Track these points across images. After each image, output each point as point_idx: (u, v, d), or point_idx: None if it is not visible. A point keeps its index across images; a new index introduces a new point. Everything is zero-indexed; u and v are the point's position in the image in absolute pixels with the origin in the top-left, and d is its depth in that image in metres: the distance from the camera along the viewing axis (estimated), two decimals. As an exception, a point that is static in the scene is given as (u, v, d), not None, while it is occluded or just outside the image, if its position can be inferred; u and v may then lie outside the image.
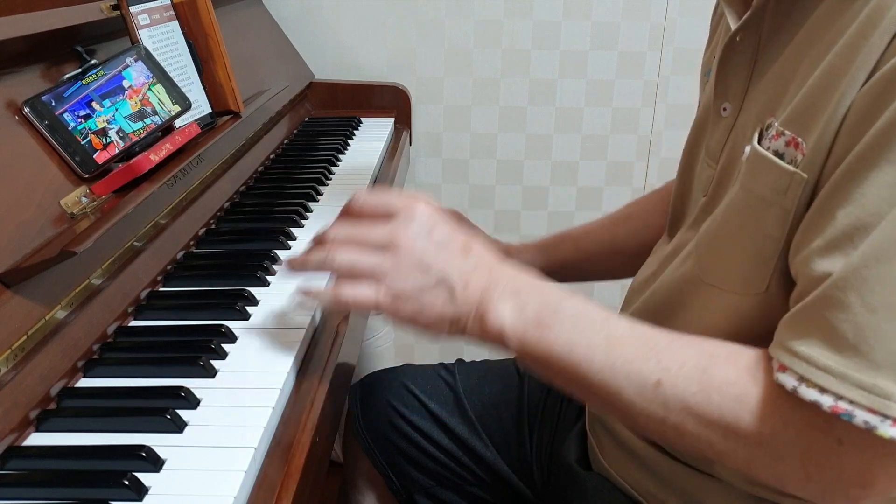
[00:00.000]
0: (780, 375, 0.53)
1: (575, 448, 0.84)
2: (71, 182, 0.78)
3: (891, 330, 0.49)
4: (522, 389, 0.96)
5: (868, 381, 0.49)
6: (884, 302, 0.49)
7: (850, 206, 0.51)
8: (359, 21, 1.65)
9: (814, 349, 0.51)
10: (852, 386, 0.49)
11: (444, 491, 0.97)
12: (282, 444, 0.62)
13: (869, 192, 0.50)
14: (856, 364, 0.50)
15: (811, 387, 0.51)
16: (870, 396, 0.49)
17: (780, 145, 0.58)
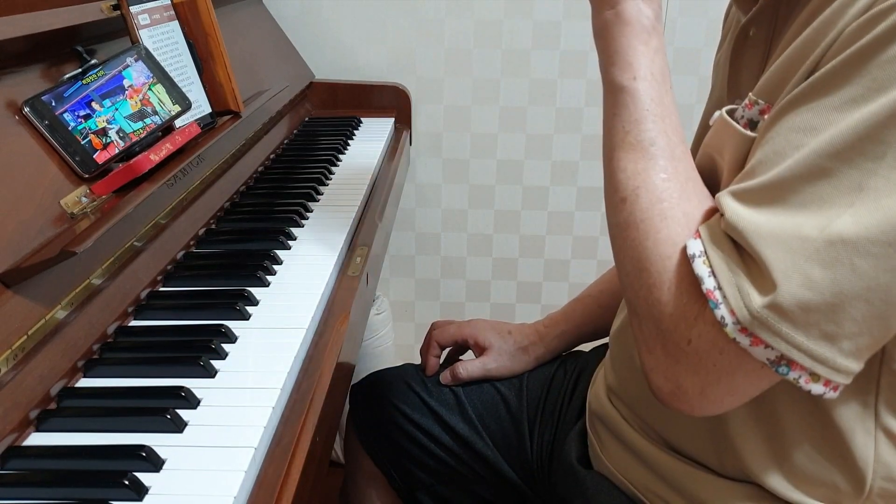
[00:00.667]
0: (691, 241, 0.57)
1: (576, 447, 0.84)
2: (71, 182, 0.78)
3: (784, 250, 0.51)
4: (522, 389, 0.96)
5: (755, 301, 0.52)
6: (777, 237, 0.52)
7: (763, 146, 0.55)
8: (359, 21, 1.66)
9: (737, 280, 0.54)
10: (733, 285, 0.53)
11: (446, 488, 0.97)
12: (282, 444, 0.62)
13: (780, 132, 0.54)
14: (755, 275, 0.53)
15: (705, 264, 0.55)
16: (737, 297, 0.52)
17: (753, 114, 0.61)
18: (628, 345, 0.78)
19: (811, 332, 0.51)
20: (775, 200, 0.53)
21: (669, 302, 0.57)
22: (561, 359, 0.99)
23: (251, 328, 0.77)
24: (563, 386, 0.95)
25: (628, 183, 0.61)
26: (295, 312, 0.79)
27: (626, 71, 0.63)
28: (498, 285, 1.86)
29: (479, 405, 0.96)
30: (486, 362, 0.97)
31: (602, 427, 0.80)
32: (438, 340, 1.00)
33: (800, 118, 0.53)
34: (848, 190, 0.50)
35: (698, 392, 0.56)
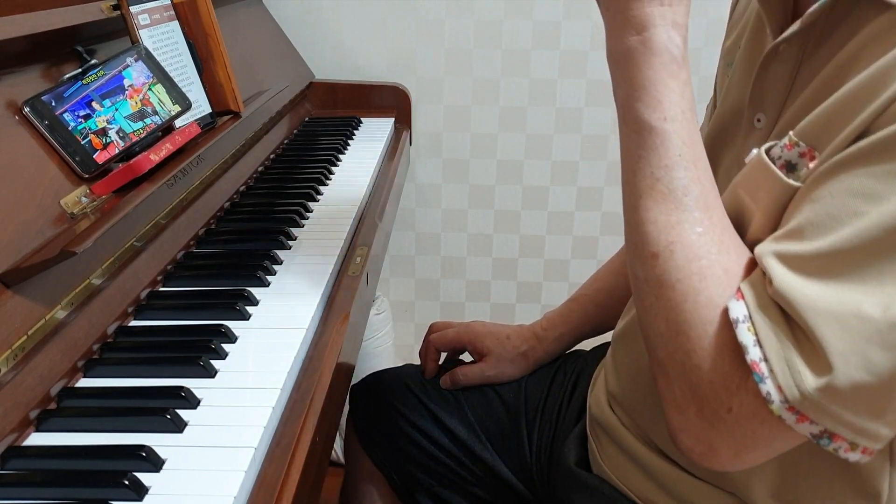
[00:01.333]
0: (733, 302, 0.53)
1: (575, 450, 0.84)
2: (71, 182, 0.78)
3: (837, 338, 0.49)
4: (521, 390, 0.96)
5: (808, 383, 0.49)
6: (831, 314, 0.49)
7: (814, 203, 0.52)
8: (359, 21, 1.65)
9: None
10: (783, 360, 0.50)
11: (446, 490, 0.97)
12: (282, 444, 0.62)
13: (834, 194, 0.51)
14: (798, 357, 0.50)
15: (749, 331, 0.52)
16: (787, 374, 0.50)
17: (793, 156, 0.57)
18: (632, 351, 0.77)
19: (860, 411, 0.50)
20: (831, 272, 0.50)
21: (709, 368, 0.54)
22: (560, 359, 0.99)
23: (251, 328, 0.77)
24: (563, 387, 0.95)
25: (660, 237, 0.57)
26: (295, 312, 0.79)
27: (656, 110, 0.58)
28: (498, 285, 1.86)
29: (477, 407, 0.96)
30: (485, 369, 0.96)
31: (602, 433, 0.80)
32: (437, 345, 1.00)
33: (858, 182, 0.50)
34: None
35: (732, 455, 0.55)
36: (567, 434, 0.88)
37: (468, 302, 1.88)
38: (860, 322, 0.48)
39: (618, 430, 0.77)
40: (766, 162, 0.57)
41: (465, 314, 1.88)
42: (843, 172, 0.51)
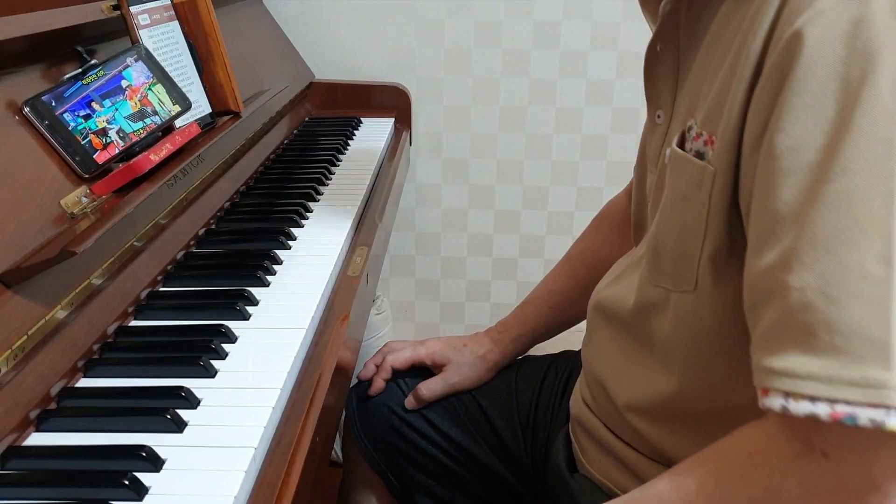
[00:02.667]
0: (766, 400, 0.50)
1: (563, 450, 0.85)
2: (71, 182, 0.78)
3: (859, 315, 0.47)
4: (511, 394, 0.96)
5: (857, 375, 0.46)
6: (845, 290, 0.47)
7: (768, 200, 0.52)
8: (359, 21, 1.66)
9: (791, 360, 0.49)
10: (844, 385, 0.47)
11: (445, 490, 0.97)
12: (282, 444, 0.62)
13: (781, 183, 0.51)
14: (839, 362, 0.47)
15: (800, 399, 0.48)
16: (866, 391, 0.46)
17: (699, 146, 0.60)
18: (591, 365, 0.79)
19: None
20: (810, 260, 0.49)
21: (794, 489, 0.50)
22: (552, 359, 1.00)
23: (251, 328, 0.77)
24: (555, 386, 0.95)
25: None
26: (295, 312, 0.79)
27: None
28: (498, 285, 1.86)
29: (471, 409, 0.96)
30: (448, 377, 0.96)
31: (582, 432, 0.81)
32: (394, 365, 0.99)
33: (778, 146, 0.51)
34: (881, 199, 0.47)
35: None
36: (558, 433, 0.88)
37: (468, 302, 1.88)
38: (873, 284, 0.47)
39: (597, 429, 0.78)
40: (680, 153, 0.61)
41: (465, 314, 1.88)
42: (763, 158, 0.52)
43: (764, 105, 0.53)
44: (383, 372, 0.99)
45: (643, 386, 0.71)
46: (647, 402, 0.70)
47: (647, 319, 0.70)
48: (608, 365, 0.76)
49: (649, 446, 0.72)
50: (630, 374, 0.73)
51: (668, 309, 0.66)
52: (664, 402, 0.69)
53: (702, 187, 0.59)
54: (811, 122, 0.49)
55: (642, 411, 0.71)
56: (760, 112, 0.53)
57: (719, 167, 0.57)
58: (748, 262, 0.54)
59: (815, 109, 0.49)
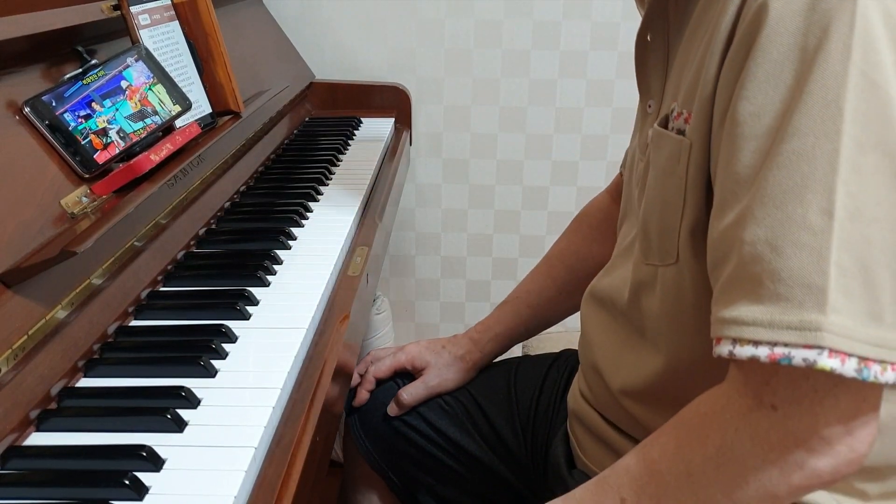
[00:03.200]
0: (717, 348, 0.54)
1: (562, 447, 0.85)
2: (71, 182, 0.78)
3: (799, 264, 0.50)
4: (511, 393, 0.96)
5: (795, 319, 0.49)
6: (789, 241, 0.50)
7: (730, 164, 0.54)
8: (359, 21, 1.66)
9: (740, 309, 0.52)
10: (783, 329, 0.50)
11: (446, 488, 0.97)
12: (282, 444, 0.62)
13: (742, 147, 0.53)
14: (780, 308, 0.50)
15: (745, 344, 0.51)
16: (801, 333, 0.49)
17: (681, 123, 0.62)
18: (586, 356, 0.80)
19: (865, 319, 0.50)
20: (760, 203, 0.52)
21: (746, 442, 0.53)
22: (553, 359, 1.00)
23: (251, 328, 0.77)
24: (556, 385, 0.95)
25: None
26: (295, 312, 0.79)
27: None
28: (498, 285, 1.86)
29: (470, 409, 0.96)
30: (427, 380, 0.96)
31: (579, 426, 0.81)
32: (377, 375, 0.99)
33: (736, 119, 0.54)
34: (827, 157, 0.50)
35: (845, 434, 0.52)
36: (557, 431, 0.88)
37: (468, 302, 1.88)
38: (813, 235, 0.50)
39: (595, 422, 0.78)
40: (661, 130, 0.64)
41: (465, 314, 1.88)
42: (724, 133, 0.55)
43: (732, 76, 0.55)
44: (367, 384, 0.99)
45: (636, 368, 0.71)
46: (641, 385, 0.71)
47: (639, 300, 0.71)
48: (602, 351, 0.77)
49: (645, 432, 0.72)
50: (624, 358, 0.73)
51: (656, 285, 0.67)
52: (656, 383, 0.69)
53: (679, 160, 0.61)
54: (771, 89, 0.52)
55: (636, 395, 0.72)
56: (729, 83, 0.55)
57: (694, 140, 0.59)
58: (711, 224, 0.57)
59: (775, 77, 0.52)
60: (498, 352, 1.01)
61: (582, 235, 1.02)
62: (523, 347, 1.21)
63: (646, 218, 0.67)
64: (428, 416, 0.96)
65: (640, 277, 0.70)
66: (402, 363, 0.99)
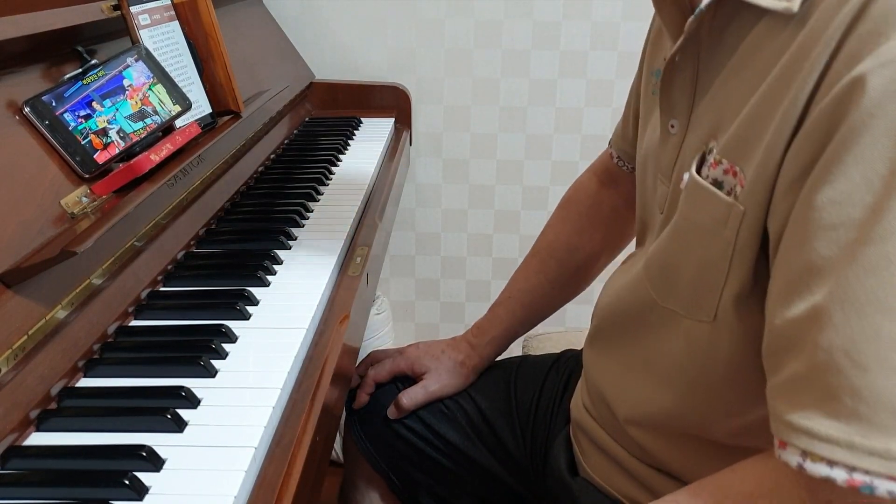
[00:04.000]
0: (783, 453, 0.49)
1: (563, 453, 0.85)
2: (71, 182, 0.78)
3: (885, 385, 0.45)
4: (511, 395, 0.96)
5: (880, 446, 0.45)
6: (874, 358, 0.46)
7: (802, 249, 0.49)
8: (359, 21, 1.66)
9: (812, 420, 0.47)
10: (864, 454, 0.45)
11: (446, 490, 0.97)
12: (282, 444, 0.62)
13: (818, 235, 0.48)
14: (862, 430, 0.46)
15: (818, 461, 0.47)
16: (887, 463, 0.45)
17: (718, 174, 0.58)
18: (591, 373, 0.79)
19: None
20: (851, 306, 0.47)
21: None
22: (553, 359, 1.00)
23: (251, 328, 0.77)
24: (555, 388, 0.95)
25: None
26: (295, 312, 0.79)
27: None
28: (498, 285, 1.85)
29: (470, 412, 0.96)
30: (427, 384, 0.96)
31: (583, 436, 0.81)
32: (376, 379, 0.99)
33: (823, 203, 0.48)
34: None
35: None
36: (557, 435, 0.88)
37: (468, 302, 1.88)
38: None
39: (597, 433, 0.78)
40: (701, 182, 0.59)
41: (465, 314, 1.88)
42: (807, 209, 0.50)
43: (807, 149, 0.50)
44: (367, 387, 0.99)
45: (645, 402, 0.70)
46: (649, 418, 0.70)
47: (651, 336, 0.69)
48: (608, 376, 0.76)
49: (652, 458, 0.72)
50: (631, 389, 0.72)
51: (677, 333, 0.65)
52: (667, 419, 0.68)
53: (727, 224, 0.57)
54: (859, 176, 0.47)
55: (644, 426, 0.71)
56: (802, 156, 0.50)
57: (749, 207, 0.55)
58: (774, 307, 0.52)
59: (866, 164, 0.46)
60: (496, 354, 1.01)
61: (571, 225, 1.00)
62: (523, 348, 1.21)
63: (670, 264, 0.64)
64: (428, 419, 0.96)
65: (653, 315, 0.68)
66: (402, 368, 0.99)
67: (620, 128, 0.93)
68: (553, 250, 1.01)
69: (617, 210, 0.98)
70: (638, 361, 0.71)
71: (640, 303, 0.70)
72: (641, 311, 0.70)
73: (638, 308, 0.70)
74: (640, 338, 0.71)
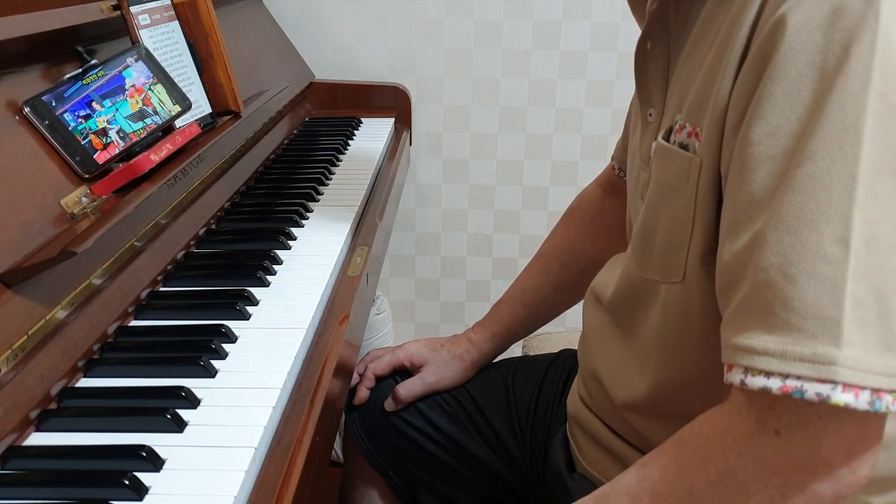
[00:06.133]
0: (728, 375, 0.53)
1: (562, 450, 0.85)
2: (71, 182, 0.78)
3: (813, 294, 0.48)
4: (509, 394, 0.96)
5: (808, 351, 0.48)
6: (802, 270, 0.49)
7: (744, 184, 0.53)
8: (359, 21, 1.66)
9: (752, 337, 0.51)
10: (795, 361, 0.49)
11: (446, 487, 0.97)
12: (282, 444, 0.62)
13: (757, 168, 0.52)
14: (793, 339, 0.49)
15: (756, 374, 0.50)
16: (815, 367, 0.48)
17: (683, 137, 0.61)
18: (586, 360, 0.80)
19: (879, 350, 0.49)
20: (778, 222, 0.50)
21: (748, 466, 0.52)
22: (552, 359, 1.00)
23: (251, 328, 0.77)
24: (554, 386, 0.95)
25: None
26: (295, 312, 0.79)
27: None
28: (498, 285, 1.86)
29: (470, 410, 0.96)
30: (425, 376, 0.97)
31: (580, 431, 0.81)
32: (376, 373, 0.99)
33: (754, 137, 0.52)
34: (844, 183, 0.49)
35: (847, 458, 0.51)
36: (556, 433, 0.88)
37: (468, 302, 1.88)
38: (828, 264, 0.48)
39: (592, 423, 0.78)
40: (666, 145, 0.62)
41: (465, 314, 1.88)
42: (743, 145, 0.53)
43: (745, 91, 0.53)
44: (366, 381, 0.99)
45: (637, 381, 0.71)
46: (643, 399, 0.71)
47: (637, 311, 0.70)
48: (602, 359, 0.77)
49: (647, 443, 0.72)
50: (624, 370, 0.73)
51: (657, 301, 0.67)
52: (658, 398, 0.69)
53: (689, 178, 0.59)
54: (788, 108, 0.51)
55: (639, 408, 0.71)
56: (742, 100, 0.54)
57: (705, 157, 0.58)
58: (722, 245, 0.55)
59: (791, 97, 0.50)
60: (496, 351, 1.01)
61: (575, 231, 1.02)
62: (523, 348, 1.21)
63: (646, 232, 0.66)
64: (428, 413, 0.96)
65: (637, 290, 0.69)
66: (401, 360, 0.99)
67: (621, 140, 0.95)
68: (557, 253, 1.02)
69: (619, 219, 0.99)
70: (628, 339, 0.73)
71: (628, 283, 0.71)
72: (630, 290, 0.71)
73: (627, 288, 0.71)
74: (630, 318, 0.72)
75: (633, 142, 0.77)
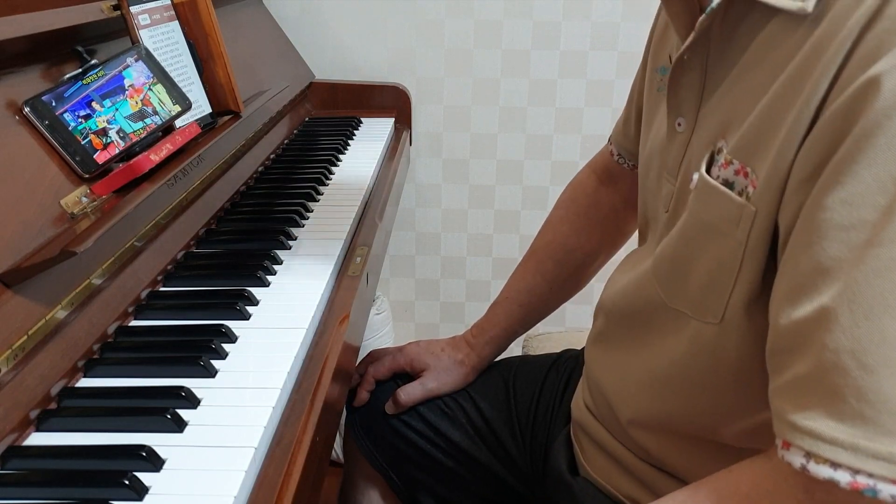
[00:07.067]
0: (786, 453, 0.49)
1: (564, 453, 0.85)
2: (71, 182, 0.78)
3: (891, 388, 0.45)
4: (510, 396, 0.96)
5: (884, 450, 0.45)
6: (881, 360, 0.45)
7: (811, 249, 0.49)
8: (359, 21, 1.66)
9: (816, 420, 0.47)
10: (868, 457, 0.45)
11: (447, 489, 0.97)
12: (282, 444, 0.62)
13: (828, 236, 0.48)
14: (866, 432, 0.45)
15: (821, 462, 0.47)
16: (891, 467, 0.45)
17: (729, 174, 0.58)
18: (593, 371, 0.79)
19: None
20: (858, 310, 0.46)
21: None
22: (553, 359, 1.00)
23: (251, 328, 0.77)
24: (555, 388, 0.95)
25: None
26: (295, 312, 0.79)
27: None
28: (498, 285, 1.85)
29: (470, 412, 0.96)
30: (426, 382, 0.96)
31: (584, 435, 0.81)
32: (376, 376, 0.99)
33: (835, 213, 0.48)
34: None
35: None
36: (557, 435, 0.88)
37: (468, 302, 1.88)
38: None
39: (597, 431, 0.78)
40: (711, 183, 0.58)
41: (465, 314, 1.88)
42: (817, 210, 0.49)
43: (819, 150, 0.49)
44: (366, 384, 0.99)
45: (648, 403, 0.70)
46: (653, 421, 0.70)
47: (652, 334, 0.69)
48: (611, 376, 0.76)
49: (655, 458, 0.72)
50: (634, 391, 0.72)
51: (682, 334, 0.65)
52: (671, 422, 0.68)
53: (739, 225, 0.56)
54: (872, 178, 0.46)
55: (647, 428, 0.71)
56: (813, 155, 0.50)
57: (761, 208, 0.54)
58: (779, 306, 0.52)
59: (879, 166, 0.46)
60: (495, 354, 1.01)
61: (569, 225, 1.00)
62: (523, 348, 1.21)
63: (679, 265, 0.64)
64: (428, 417, 0.96)
65: (659, 315, 0.67)
66: (402, 365, 0.99)
67: (621, 124, 0.92)
68: (551, 250, 1.01)
69: (615, 210, 0.98)
70: (640, 363, 0.71)
71: (647, 302, 0.69)
72: (648, 310, 0.69)
73: (645, 308, 0.70)
74: (644, 338, 0.70)
75: (651, 141, 0.74)
